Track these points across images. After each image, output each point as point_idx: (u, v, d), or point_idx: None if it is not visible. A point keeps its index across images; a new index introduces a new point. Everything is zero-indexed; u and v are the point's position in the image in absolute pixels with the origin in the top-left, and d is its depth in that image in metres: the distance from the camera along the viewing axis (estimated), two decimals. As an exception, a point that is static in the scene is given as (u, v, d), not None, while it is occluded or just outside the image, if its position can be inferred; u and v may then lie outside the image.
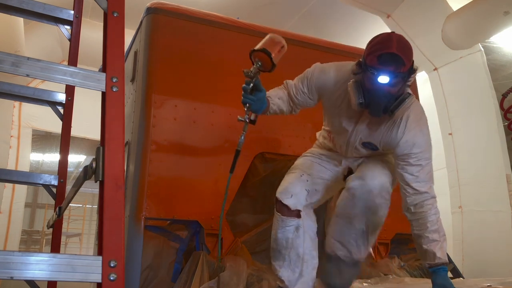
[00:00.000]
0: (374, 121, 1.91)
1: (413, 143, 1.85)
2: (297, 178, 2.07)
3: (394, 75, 1.71)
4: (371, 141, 1.96)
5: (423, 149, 1.87)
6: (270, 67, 1.93)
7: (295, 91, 2.06)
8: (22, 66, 1.03)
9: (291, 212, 2.00)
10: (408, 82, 1.80)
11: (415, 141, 1.86)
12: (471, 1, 5.25)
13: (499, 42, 6.69)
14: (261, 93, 1.94)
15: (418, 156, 1.86)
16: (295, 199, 2.00)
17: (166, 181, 2.60)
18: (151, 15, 2.86)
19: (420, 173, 1.86)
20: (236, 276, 2.40)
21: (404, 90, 1.80)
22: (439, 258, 1.82)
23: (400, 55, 1.69)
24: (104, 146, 1.00)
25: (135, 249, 2.45)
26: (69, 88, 2.03)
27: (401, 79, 1.75)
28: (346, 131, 2.00)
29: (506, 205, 5.00)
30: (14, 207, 7.15)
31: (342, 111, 1.97)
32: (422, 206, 1.86)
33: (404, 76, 1.74)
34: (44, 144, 12.20)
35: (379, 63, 1.71)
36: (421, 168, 1.86)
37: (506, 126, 5.25)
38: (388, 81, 1.71)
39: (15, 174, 2.13)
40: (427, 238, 1.84)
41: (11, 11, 1.67)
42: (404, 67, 1.71)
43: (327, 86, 2.00)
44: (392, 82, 1.72)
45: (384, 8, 5.83)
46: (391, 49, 1.69)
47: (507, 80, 7.24)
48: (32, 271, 0.87)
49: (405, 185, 1.89)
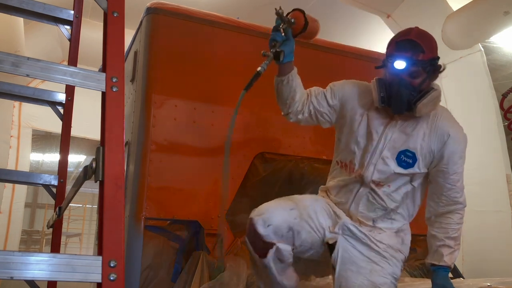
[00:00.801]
0: (407, 124, 1.76)
1: (458, 149, 1.74)
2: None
3: (412, 62, 1.65)
4: (408, 147, 1.73)
5: (463, 155, 1.77)
6: (302, 26, 1.77)
7: (316, 92, 1.92)
8: (22, 66, 1.03)
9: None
10: (433, 76, 1.72)
11: (460, 148, 1.75)
12: (471, 1, 5.25)
13: (499, 42, 6.69)
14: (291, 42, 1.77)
15: (460, 163, 1.75)
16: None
17: (166, 181, 2.60)
18: (151, 15, 2.86)
19: (459, 182, 1.77)
20: (236, 276, 2.40)
21: (428, 85, 1.71)
22: (445, 262, 1.75)
23: (418, 41, 1.65)
24: (104, 146, 1.00)
25: (135, 249, 2.45)
26: (69, 88, 2.03)
27: (422, 70, 1.67)
28: (372, 140, 1.77)
29: (506, 205, 5.00)
30: (14, 207, 7.15)
31: (368, 118, 1.81)
32: (453, 214, 1.79)
33: (424, 65, 1.65)
34: (44, 144, 12.20)
35: (396, 49, 1.68)
36: (460, 178, 1.77)
37: (506, 126, 5.25)
38: (406, 68, 1.65)
39: (15, 174, 2.13)
40: (442, 241, 1.77)
41: (11, 11, 1.67)
42: (423, 54, 1.64)
43: (352, 94, 1.88)
44: (410, 69, 1.66)
45: (384, 8, 5.83)
46: (409, 36, 1.68)
47: (507, 80, 7.24)
48: (32, 271, 0.87)
49: (440, 195, 1.78)
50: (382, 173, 1.75)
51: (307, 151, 3.03)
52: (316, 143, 3.04)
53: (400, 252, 1.82)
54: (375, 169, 1.75)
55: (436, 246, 1.78)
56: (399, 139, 1.75)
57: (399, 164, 1.73)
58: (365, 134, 1.80)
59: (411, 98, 1.68)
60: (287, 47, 1.76)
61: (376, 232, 1.79)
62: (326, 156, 3.03)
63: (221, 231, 1.96)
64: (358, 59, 3.44)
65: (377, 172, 1.75)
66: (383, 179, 1.76)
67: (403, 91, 1.68)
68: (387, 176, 1.75)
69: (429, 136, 1.74)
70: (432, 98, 1.69)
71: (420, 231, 3.40)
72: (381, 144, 1.76)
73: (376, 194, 1.78)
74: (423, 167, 1.75)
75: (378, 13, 5.98)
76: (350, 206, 1.82)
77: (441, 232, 1.79)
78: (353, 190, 1.82)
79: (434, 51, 1.71)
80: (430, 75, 1.70)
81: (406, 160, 1.73)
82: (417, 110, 1.68)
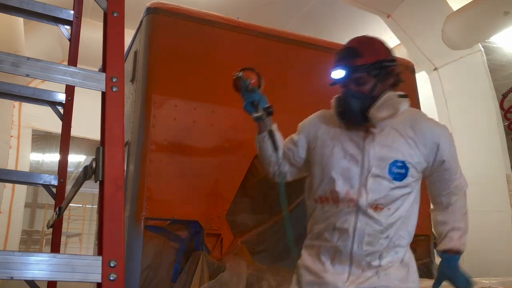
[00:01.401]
0: (384, 135, 1.62)
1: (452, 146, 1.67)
2: None
3: (349, 69, 1.57)
4: (395, 158, 1.57)
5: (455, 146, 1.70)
6: (258, 79, 1.79)
7: (286, 142, 1.83)
8: (22, 66, 1.03)
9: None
10: (385, 80, 1.60)
11: (452, 143, 1.68)
12: (471, 1, 5.26)
13: (499, 42, 6.70)
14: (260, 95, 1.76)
15: (456, 156, 1.70)
16: None
17: (166, 181, 2.60)
18: (151, 15, 2.86)
19: (459, 170, 1.71)
20: (236, 276, 2.40)
21: (382, 89, 1.59)
22: (455, 245, 1.65)
23: (356, 47, 1.59)
24: (104, 146, 1.00)
25: (135, 249, 2.45)
26: (69, 88, 2.03)
27: (367, 75, 1.57)
28: (354, 161, 1.61)
29: (506, 205, 5.01)
30: (14, 207, 7.16)
31: (341, 140, 1.67)
32: (459, 198, 1.73)
33: (368, 70, 1.56)
34: (44, 144, 12.21)
35: (335, 60, 1.63)
36: (458, 167, 1.71)
37: (506, 126, 5.25)
38: (346, 76, 1.58)
39: (15, 174, 2.13)
40: (451, 226, 1.69)
41: (11, 11, 1.67)
42: (361, 59, 1.56)
43: (318, 122, 1.78)
44: (352, 77, 1.58)
45: (384, 8, 5.84)
46: (348, 44, 1.63)
47: (507, 80, 7.24)
48: (32, 271, 0.87)
49: (447, 189, 1.71)
50: (378, 193, 1.56)
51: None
52: (316, 143, 3.04)
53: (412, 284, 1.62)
54: (369, 191, 1.56)
55: (446, 231, 1.70)
56: (382, 152, 1.59)
57: (394, 178, 1.57)
58: (343, 156, 1.63)
59: (364, 107, 1.57)
60: (262, 100, 1.75)
61: (382, 273, 1.56)
62: (326, 156, 3.03)
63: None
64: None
65: (372, 193, 1.56)
66: (381, 200, 1.56)
67: (352, 101, 1.59)
68: (385, 195, 1.56)
69: (416, 142, 1.60)
70: (383, 101, 1.56)
71: (420, 231, 3.40)
72: (366, 163, 1.58)
73: (376, 221, 1.56)
74: (417, 173, 1.62)
75: (378, 13, 5.99)
76: (352, 247, 1.55)
77: (450, 218, 1.71)
78: (349, 227, 1.56)
79: (378, 54, 1.60)
80: (380, 79, 1.59)
81: (398, 172, 1.57)
82: (371, 117, 1.56)
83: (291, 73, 3.13)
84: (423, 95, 4.30)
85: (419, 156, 1.60)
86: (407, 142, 1.59)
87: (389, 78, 1.63)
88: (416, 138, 1.60)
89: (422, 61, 5.87)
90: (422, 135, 1.60)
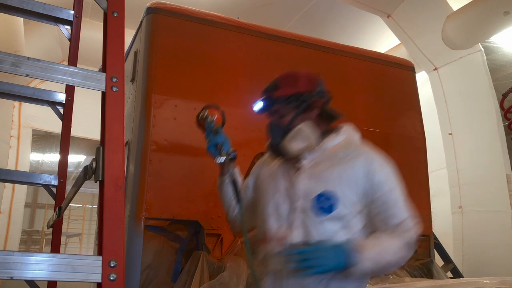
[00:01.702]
0: (315, 167, 1.55)
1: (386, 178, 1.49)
2: None
3: (266, 101, 1.61)
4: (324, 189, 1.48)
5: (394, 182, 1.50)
6: (222, 117, 1.81)
7: (243, 186, 1.81)
8: (22, 66, 1.03)
9: None
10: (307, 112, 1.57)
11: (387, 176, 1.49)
12: (471, 1, 5.26)
13: (499, 42, 6.70)
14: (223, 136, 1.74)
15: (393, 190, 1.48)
16: None
17: (166, 181, 2.60)
18: (151, 15, 2.86)
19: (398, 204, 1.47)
20: (236, 276, 2.40)
21: (301, 121, 1.56)
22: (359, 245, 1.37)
23: (277, 80, 1.61)
24: (104, 146, 1.00)
25: (135, 249, 2.45)
26: (69, 88, 2.03)
27: (284, 107, 1.57)
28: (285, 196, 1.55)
29: (506, 205, 5.00)
30: (14, 207, 7.16)
31: (276, 176, 1.65)
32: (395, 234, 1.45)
33: (286, 102, 1.56)
34: (44, 144, 12.21)
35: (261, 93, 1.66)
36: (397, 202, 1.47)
37: (506, 126, 5.26)
38: (264, 108, 1.62)
39: (15, 174, 2.13)
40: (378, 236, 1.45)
41: (11, 11, 1.67)
42: (279, 91, 1.57)
43: (262, 160, 1.80)
44: (272, 109, 1.60)
45: (384, 8, 5.84)
46: (274, 79, 1.65)
47: (507, 80, 7.24)
48: (32, 271, 0.87)
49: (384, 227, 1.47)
50: (307, 228, 1.47)
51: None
52: (316, 143, 3.04)
53: None
54: (297, 227, 1.48)
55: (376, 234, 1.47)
56: (310, 185, 1.51)
57: (322, 211, 1.45)
58: (276, 192, 1.59)
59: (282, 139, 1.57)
60: (225, 144, 1.73)
61: None
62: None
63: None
64: (358, 59, 3.44)
65: (300, 229, 1.47)
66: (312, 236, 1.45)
67: (273, 133, 1.60)
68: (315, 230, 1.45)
69: (347, 173, 1.49)
70: (294, 134, 1.54)
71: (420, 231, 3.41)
72: (295, 197, 1.52)
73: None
74: (350, 207, 1.47)
75: (378, 13, 5.99)
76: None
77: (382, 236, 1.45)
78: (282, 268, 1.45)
79: (297, 86, 1.58)
80: (301, 111, 1.57)
81: (326, 204, 1.46)
82: (285, 149, 1.55)
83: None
84: (423, 95, 4.31)
85: (350, 189, 1.47)
86: (338, 173, 1.49)
87: (312, 111, 1.59)
88: (348, 169, 1.49)
89: (422, 61, 5.87)
90: (353, 167, 1.49)
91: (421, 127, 3.55)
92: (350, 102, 3.27)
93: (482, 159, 5.32)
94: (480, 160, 5.33)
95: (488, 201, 5.16)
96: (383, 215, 1.46)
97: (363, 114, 3.31)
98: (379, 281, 2.67)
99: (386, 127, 3.37)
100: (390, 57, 3.81)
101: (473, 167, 5.38)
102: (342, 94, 3.22)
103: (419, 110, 3.63)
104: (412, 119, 3.54)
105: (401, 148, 3.38)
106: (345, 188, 1.47)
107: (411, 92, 3.63)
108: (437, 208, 4.46)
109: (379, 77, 3.51)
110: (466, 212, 5.35)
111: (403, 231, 1.43)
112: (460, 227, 5.36)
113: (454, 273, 3.49)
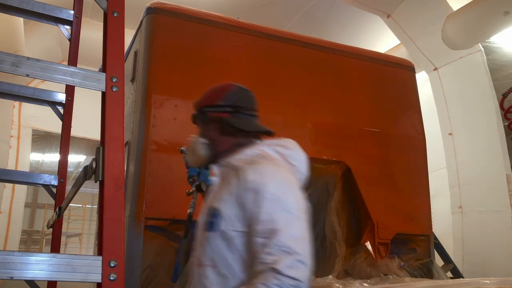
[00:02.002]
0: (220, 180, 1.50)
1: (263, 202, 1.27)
2: None
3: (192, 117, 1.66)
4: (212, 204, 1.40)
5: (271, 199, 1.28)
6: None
7: None
8: (22, 66, 1.03)
9: None
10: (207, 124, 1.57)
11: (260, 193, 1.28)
12: (471, 1, 5.26)
13: (499, 42, 6.70)
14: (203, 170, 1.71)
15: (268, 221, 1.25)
16: None
17: (166, 181, 2.60)
18: (151, 15, 2.86)
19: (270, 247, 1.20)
20: (236, 276, 2.40)
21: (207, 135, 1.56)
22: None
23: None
24: (104, 146, 1.00)
25: (135, 249, 2.45)
26: (69, 88, 2.03)
27: (195, 120, 1.65)
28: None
29: (506, 205, 5.01)
30: (14, 207, 7.16)
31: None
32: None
33: (197, 114, 1.63)
34: (44, 144, 12.21)
35: None
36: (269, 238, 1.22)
37: (506, 126, 5.26)
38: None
39: (15, 174, 2.13)
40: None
41: (11, 11, 1.68)
42: (196, 104, 1.65)
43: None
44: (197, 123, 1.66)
45: (384, 8, 5.84)
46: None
47: (507, 80, 7.25)
48: (32, 271, 0.87)
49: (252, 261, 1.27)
50: (201, 246, 1.41)
51: (307, 151, 2.99)
52: (316, 143, 3.04)
53: None
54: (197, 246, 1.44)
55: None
56: (209, 201, 1.46)
57: (208, 227, 1.37)
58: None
59: None
60: (202, 175, 1.72)
61: None
62: (326, 156, 3.03)
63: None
64: (358, 59, 3.44)
65: (199, 248, 1.42)
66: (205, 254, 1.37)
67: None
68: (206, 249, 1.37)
69: (234, 190, 1.36)
70: (189, 147, 1.60)
71: (420, 231, 3.41)
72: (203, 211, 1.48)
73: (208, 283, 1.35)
74: (235, 226, 1.31)
75: (378, 13, 5.99)
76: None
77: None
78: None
79: (205, 99, 1.62)
80: (204, 124, 1.60)
81: (211, 221, 1.36)
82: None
83: (291, 73, 3.13)
84: (423, 95, 4.31)
85: (234, 207, 1.33)
86: (226, 190, 1.38)
87: (212, 124, 1.55)
88: (235, 186, 1.36)
89: (422, 61, 5.87)
90: (238, 184, 1.35)
91: (421, 127, 3.55)
92: (350, 102, 3.27)
93: (482, 159, 5.32)
94: (480, 160, 5.33)
95: (488, 201, 5.16)
96: (254, 249, 1.25)
97: (363, 114, 3.31)
98: (379, 281, 2.67)
99: (386, 127, 3.37)
100: (390, 57, 3.81)
101: (473, 167, 5.38)
102: (342, 94, 3.22)
103: (419, 110, 3.62)
104: (412, 119, 3.54)
105: (401, 148, 3.38)
106: (230, 206, 1.34)
107: (411, 92, 3.63)
108: (437, 208, 4.46)
109: (379, 77, 3.51)
110: (466, 212, 5.35)
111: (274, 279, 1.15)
112: (460, 227, 5.36)
113: (454, 273, 3.49)
